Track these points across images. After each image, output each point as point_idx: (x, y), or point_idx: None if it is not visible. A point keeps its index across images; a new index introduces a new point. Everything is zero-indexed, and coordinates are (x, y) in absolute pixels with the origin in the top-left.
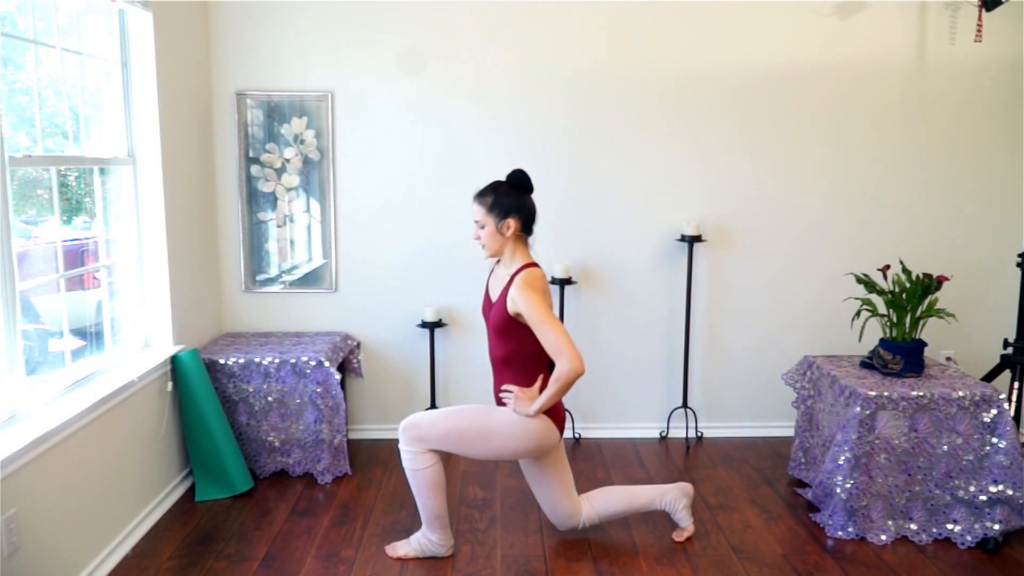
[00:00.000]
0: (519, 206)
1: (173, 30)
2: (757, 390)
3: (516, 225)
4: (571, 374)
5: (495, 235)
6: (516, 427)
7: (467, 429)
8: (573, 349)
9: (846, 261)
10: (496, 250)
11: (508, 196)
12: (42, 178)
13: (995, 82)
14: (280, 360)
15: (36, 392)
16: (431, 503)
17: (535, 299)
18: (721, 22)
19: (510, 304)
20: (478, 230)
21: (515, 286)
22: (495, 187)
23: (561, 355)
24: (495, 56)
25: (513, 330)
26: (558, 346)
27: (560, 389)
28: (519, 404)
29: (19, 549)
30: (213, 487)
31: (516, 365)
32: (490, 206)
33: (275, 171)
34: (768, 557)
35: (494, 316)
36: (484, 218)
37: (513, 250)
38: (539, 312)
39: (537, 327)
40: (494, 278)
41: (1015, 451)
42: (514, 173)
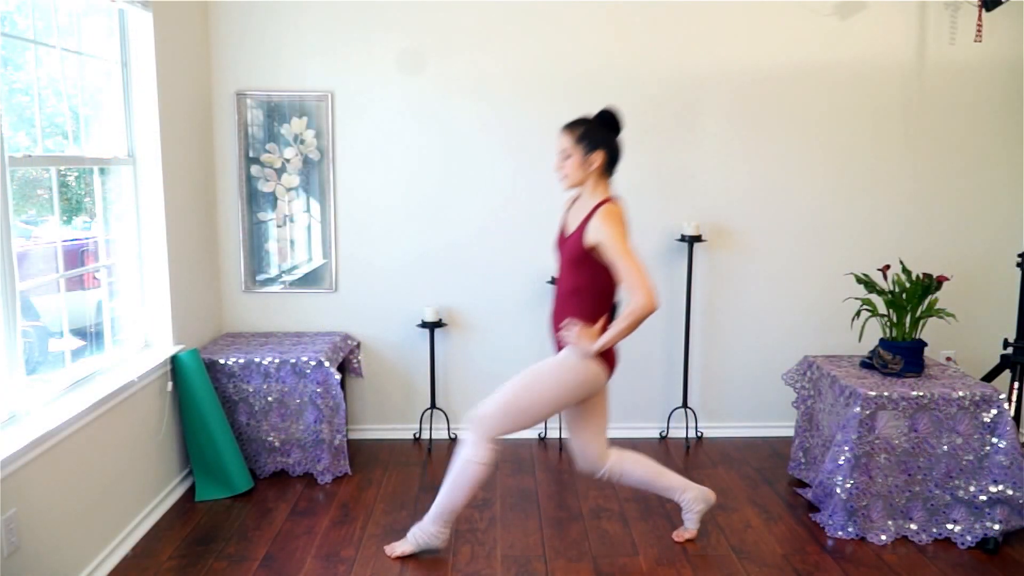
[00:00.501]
0: (608, 143)
1: (173, 30)
2: (757, 390)
3: (602, 160)
4: (644, 310)
5: (579, 167)
6: (568, 374)
7: (527, 400)
8: (648, 284)
9: (846, 261)
10: (578, 181)
11: (598, 131)
12: (42, 178)
13: (995, 82)
14: (280, 360)
15: (36, 392)
16: (459, 499)
17: (615, 231)
18: (721, 22)
19: (589, 235)
20: (562, 160)
21: (596, 217)
22: (585, 120)
23: (636, 289)
24: (495, 56)
25: (587, 262)
26: (634, 279)
27: (630, 325)
28: (581, 340)
29: (19, 549)
30: (213, 487)
31: (583, 299)
32: (579, 137)
33: (275, 171)
34: (768, 557)
35: (569, 247)
36: (571, 148)
37: (595, 184)
38: (618, 244)
39: (615, 259)
40: (571, 212)
41: (1015, 451)
42: (604, 112)
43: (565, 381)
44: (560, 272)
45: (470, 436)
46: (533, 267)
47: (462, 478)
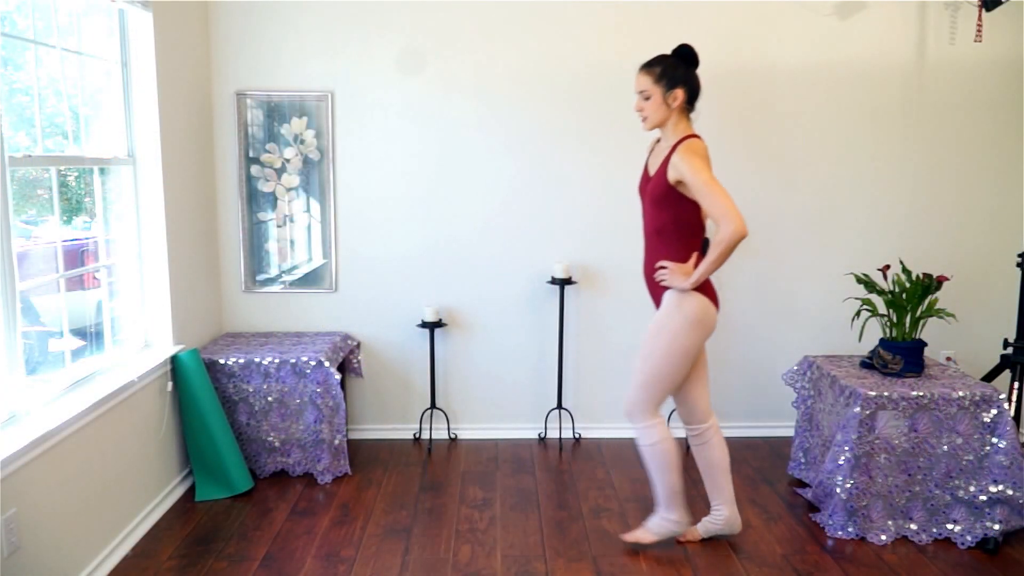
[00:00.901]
0: (687, 78)
1: (173, 30)
2: (757, 390)
3: (683, 96)
4: (735, 235)
5: (660, 106)
6: (679, 319)
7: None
8: (736, 211)
9: (846, 261)
10: (659, 121)
11: (677, 68)
12: (42, 178)
13: (995, 82)
14: (280, 360)
15: (36, 392)
16: (669, 478)
17: (698, 164)
18: (721, 22)
19: (671, 171)
20: (642, 101)
21: (678, 153)
22: (663, 58)
23: (724, 217)
24: (495, 56)
25: (672, 200)
26: (721, 208)
27: (722, 253)
28: (675, 278)
29: (19, 549)
30: (213, 487)
31: (671, 237)
32: (658, 76)
33: (275, 171)
34: (768, 557)
35: (652, 187)
36: (651, 88)
37: (676, 122)
38: (702, 176)
39: (699, 191)
40: (654, 154)
41: (1015, 451)
42: (681, 47)
43: (681, 327)
44: (645, 215)
45: (634, 426)
46: (533, 267)
47: (655, 463)
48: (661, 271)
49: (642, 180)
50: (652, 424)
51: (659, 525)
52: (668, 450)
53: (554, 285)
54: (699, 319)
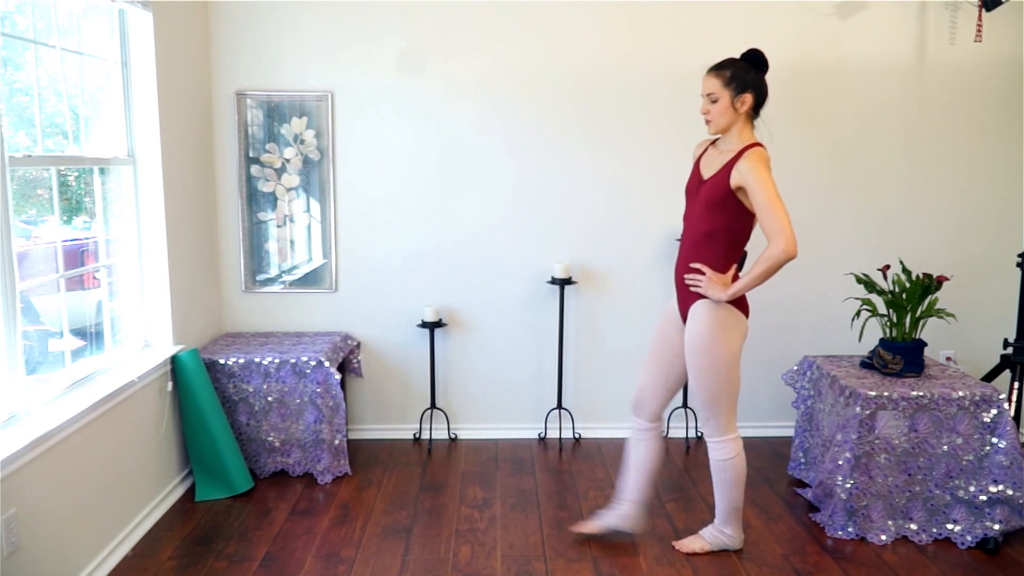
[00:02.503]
0: (757, 83)
1: (173, 30)
2: (756, 390)
3: (751, 101)
4: (783, 255)
5: (728, 110)
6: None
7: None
8: (792, 232)
9: (846, 261)
10: (725, 126)
11: (748, 71)
12: (42, 178)
13: (995, 82)
14: (280, 360)
15: (36, 392)
16: (733, 495)
17: (766, 176)
18: (721, 22)
19: (735, 176)
20: (708, 104)
21: (746, 159)
22: (734, 61)
23: (780, 234)
24: (495, 56)
25: (727, 205)
26: (778, 224)
27: (766, 271)
28: (712, 288)
29: (19, 549)
30: (213, 487)
31: (718, 243)
32: (728, 79)
33: (275, 171)
34: (768, 557)
35: (709, 189)
36: (720, 91)
37: (742, 128)
38: (768, 189)
39: (761, 203)
40: (708, 157)
41: (1015, 451)
42: (751, 51)
43: (720, 337)
44: (691, 217)
45: (710, 441)
46: (533, 267)
47: (725, 476)
48: (697, 276)
49: (692, 182)
50: (730, 439)
51: (714, 537)
52: (740, 466)
53: (554, 285)
54: (734, 325)
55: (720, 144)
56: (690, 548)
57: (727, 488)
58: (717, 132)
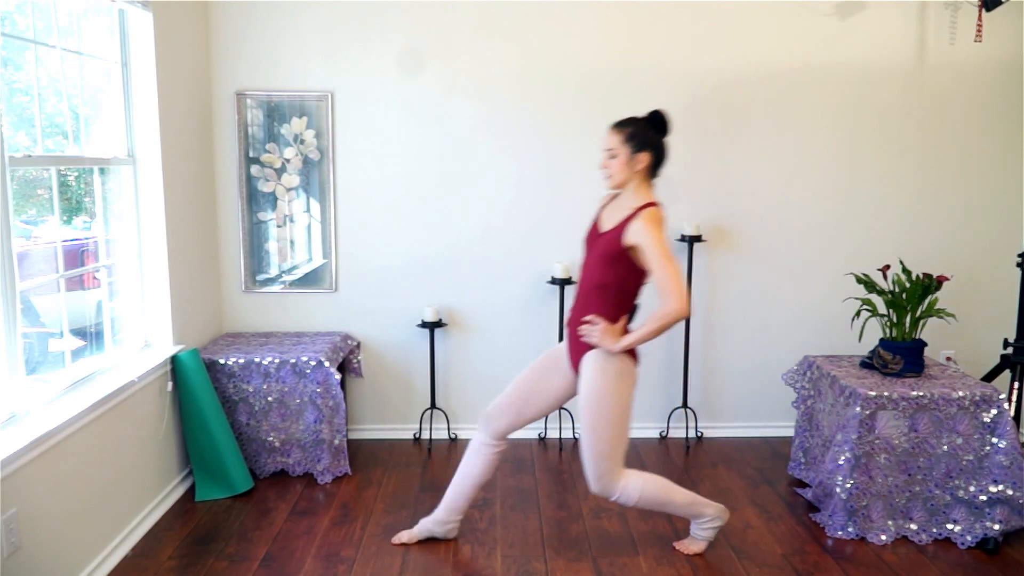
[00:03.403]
0: (656, 144)
1: (173, 30)
2: (757, 390)
3: (648, 161)
4: (675, 315)
5: (625, 166)
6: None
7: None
8: (683, 291)
9: (846, 261)
10: (622, 182)
11: (647, 132)
12: (42, 178)
13: (995, 82)
14: (280, 360)
15: (36, 392)
16: (675, 501)
17: (658, 236)
18: (721, 22)
19: (629, 235)
20: (608, 159)
21: (640, 219)
22: (634, 120)
23: (669, 293)
24: (495, 56)
25: (620, 261)
26: (669, 283)
27: (658, 328)
28: (605, 338)
29: (19, 549)
30: (213, 487)
31: (608, 296)
32: (628, 136)
33: (275, 171)
34: (768, 557)
35: (604, 243)
36: (618, 147)
37: (639, 185)
38: (660, 249)
39: (654, 263)
40: (608, 210)
41: (1015, 451)
42: (655, 113)
43: (613, 387)
44: (586, 267)
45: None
46: (533, 267)
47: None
48: (589, 327)
49: (591, 232)
50: (626, 482)
51: (701, 534)
52: (655, 485)
53: (554, 285)
54: (625, 373)
55: (619, 199)
56: (689, 550)
57: (667, 504)
58: (615, 187)
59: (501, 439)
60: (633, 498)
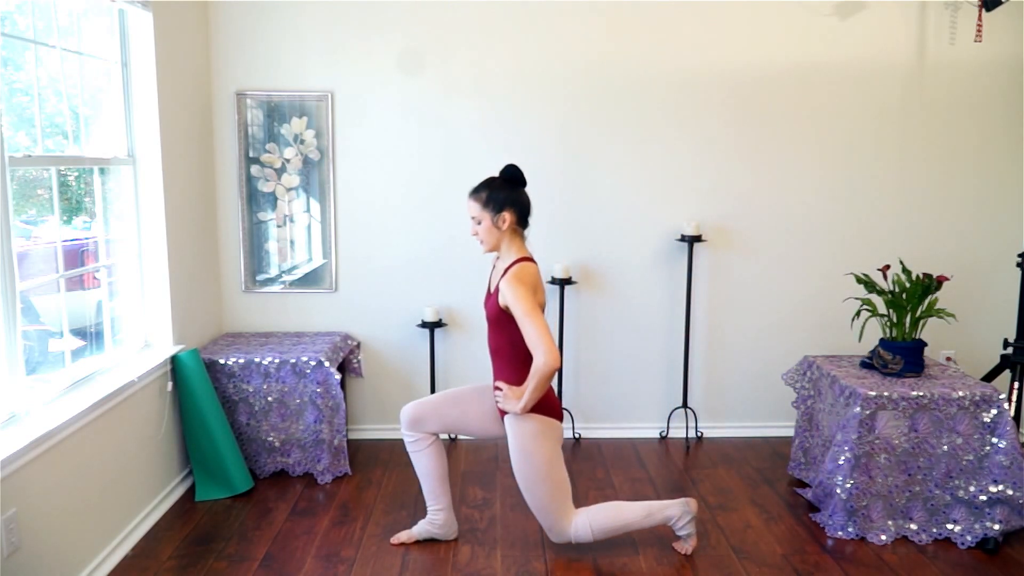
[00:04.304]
0: (513, 199)
1: (173, 30)
2: (757, 390)
3: (512, 218)
4: (545, 368)
5: (491, 229)
6: (528, 440)
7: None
8: (549, 343)
9: (846, 261)
10: (493, 245)
11: (502, 191)
12: (42, 178)
13: (995, 82)
14: (280, 360)
15: (36, 392)
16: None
17: (521, 292)
18: (721, 22)
19: (500, 298)
20: (475, 226)
21: (505, 280)
22: (489, 183)
23: (537, 348)
24: (495, 56)
25: (504, 322)
26: (535, 338)
27: (538, 383)
28: (508, 402)
29: (19, 549)
30: (213, 487)
31: (507, 356)
32: (485, 201)
33: (275, 171)
34: (768, 557)
35: (489, 308)
36: (480, 213)
37: (509, 243)
38: (522, 305)
39: (520, 319)
40: (493, 273)
41: (1015, 451)
42: (507, 168)
43: (533, 446)
44: (488, 329)
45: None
46: None
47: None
48: (497, 392)
49: (486, 296)
50: (577, 522)
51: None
52: (602, 514)
53: (554, 285)
54: (542, 433)
55: (499, 260)
56: (685, 549)
57: (626, 527)
58: (489, 250)
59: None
60: (587, 535)
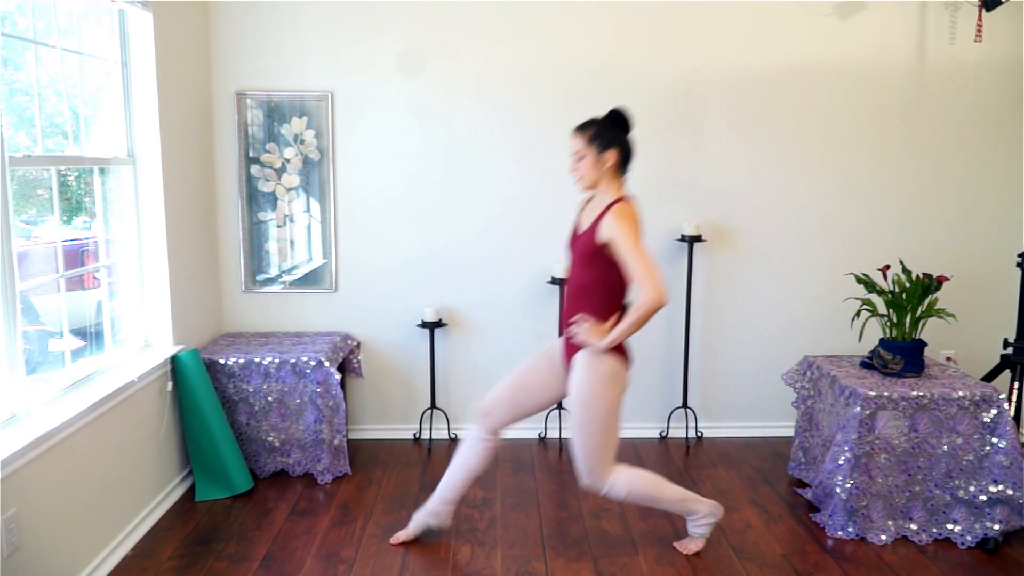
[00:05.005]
0: (620, 141)
1: (173, 30)
2: (757, 390)
3: (615, 158)
4: (652, 304)
5: (594, 167)
6: (599, 380)
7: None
8: (657, 279)
9: (846, 261)
10: (592, 182)
11: (609, 130)
12: (42, 178)
13: (995, 82)
14: (280, 360)
15: (36, 392)
16: (666, 497)
17: (627, 227)
18: (721, 22)
19: (602, 232)
20: (575, 161)
21: (609, 215)
22: (596, 121)
23: (645, 283)
24: (495, 56)
25: (598, 259)
26: (643, 274)
27: (638, 319)
28: (590, 336)
29: (19, 549)
30: (213, 487)
31: (593, 296)
32: (591, 137)
33: (275, 171)
34: (768, 557)
35: (581, 244)
36: (584, 149)
37: (609, 183)
38: (629, 240)
39: (625, 255)
40: (585, 212)
41: (1015, 451)
42: (615, 111)
43: (600, 388)
44: (571, 269)
45: (604, 492)
46: (533, 267)
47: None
48: (576, 327)
49: (571, 236)
50: (615, 478)
51: (696, 531)
52: (640, 484)
53: (554, 285)
54: (613, 376)
55: (593, 200)
56: (689, 549)
57: (659, 499)
58: (586, 188)
59: (495, 434)
60: (622, 493)
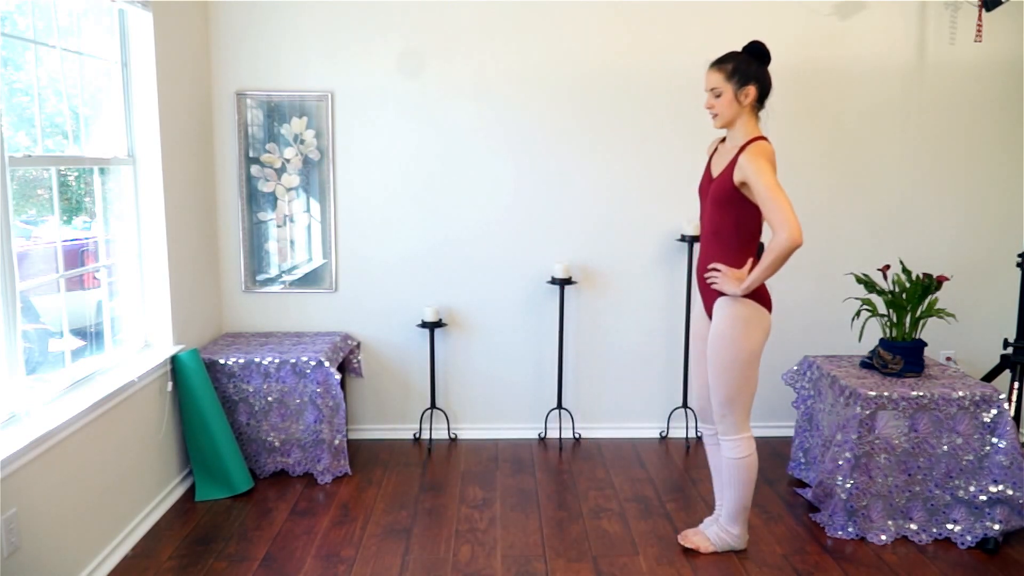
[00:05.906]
0: (760, 75)
1: (173, 30)
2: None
3: (755, 93)
4: (789, 244)
5: (732, 103)
6: (739, 325)
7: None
8: (795, 220)
9: (846, 261)
10: (730, 119)
11: (750, 64)
12: (42, 178)
13: (995, 82)
14: (280, 360)
15: (36, 392)
16: (743, 494)
17: (765, 167)
18: (721, 22)
19: (737, 172)
20: (713, 98)
21: (746, 154)
22: (735, 55)
23: (782, 224)
24: (495, 56)
25: (733, 201)
26: (781, 215)
27: (775, 261)
28: (727, 283)
29: (19, 549)
30: (213, 487)
31: (729, 240)
32: (731, 72)
33: (275, 171)
34: (768, 557)
35: (716, 187)
36: (722, 85)
37: (746, 121)
38: (766, 180)
39: (762, 194)
40: (717, 155)
41: (1015, 451)
42: (753, 43)
43: (741, 333)
44: (704, 216)
45: (724, 439)
46: (533, 267)
47: (738, 475)
48: (713, 274)
49: (703, 180)
50: (744, 437)
51: (719, 538)
52: (752, 465)
53: (554, 285)
54: (756, 322)
55: (727, 140)
56: (692, 543)
57: (738, 487)
58: (723, 126)
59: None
60: (739, 454)
